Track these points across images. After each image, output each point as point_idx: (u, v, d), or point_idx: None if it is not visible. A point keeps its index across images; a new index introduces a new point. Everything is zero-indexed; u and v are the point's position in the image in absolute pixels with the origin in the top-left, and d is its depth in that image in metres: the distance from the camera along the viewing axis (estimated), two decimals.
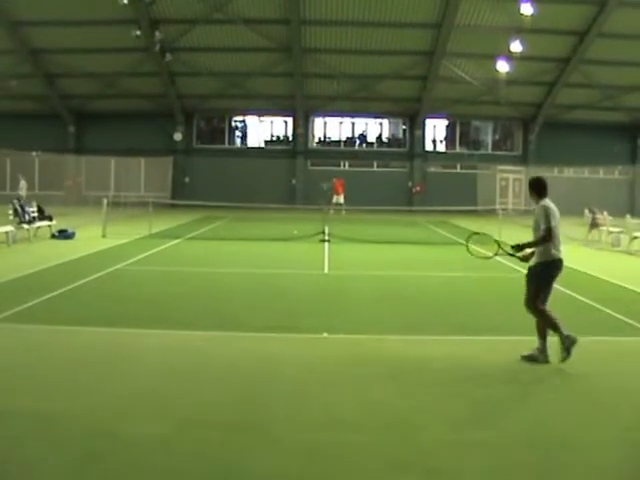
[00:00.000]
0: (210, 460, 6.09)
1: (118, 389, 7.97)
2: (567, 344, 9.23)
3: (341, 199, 44.94)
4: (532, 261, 9.93)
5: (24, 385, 8.08)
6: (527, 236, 10.14)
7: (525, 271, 9.82)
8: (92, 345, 9.98)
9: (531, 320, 12.58)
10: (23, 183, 41.74)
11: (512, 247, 10.04)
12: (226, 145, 54.20)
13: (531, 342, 10.82)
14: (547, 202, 9.83)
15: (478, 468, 6.06)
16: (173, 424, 6.91)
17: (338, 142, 54.64)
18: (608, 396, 8.12)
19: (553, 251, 9.83)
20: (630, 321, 12.19)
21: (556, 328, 9.46)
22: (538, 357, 9.46)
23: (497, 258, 20.93)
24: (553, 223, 9.68)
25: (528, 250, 10.04)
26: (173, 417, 7.12)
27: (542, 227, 9.67)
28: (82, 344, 10.02)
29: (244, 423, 7.00)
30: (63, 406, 7.33)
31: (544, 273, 9.81)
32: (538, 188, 10.03)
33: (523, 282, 9.70)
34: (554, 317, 9.60)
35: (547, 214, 9.64)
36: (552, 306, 14.04)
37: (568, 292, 15.41)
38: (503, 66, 43.87)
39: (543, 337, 9.59)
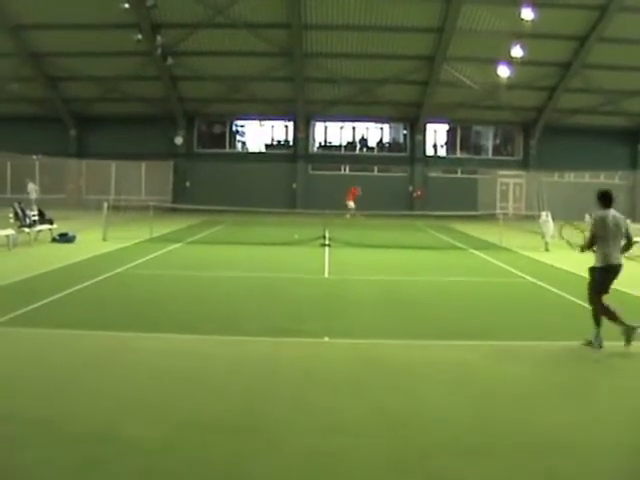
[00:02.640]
0: (210, 464, 6.09)
1: (118, 393, 7.97)
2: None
3: (352, 204, 44.84)
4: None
5: (24, 389, 8.07)
6: (528, 240, 10.15)
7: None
8: (92, 349, 9.98)
9: (533, 326, 12.62)
10: (32, 186, 41.80)
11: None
12: (227, 149, 54.19)
13: (531, 347, 10.83)
14: (604, 212, 10.69)
15: (478, 472, 6.06)
16: (173, 427, 6.91)
17: (339, 147, 54.64)
18: (612, 401, 8.13)
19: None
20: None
21: (615, 319, 10.50)
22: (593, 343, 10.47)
23: (499, 263, 20.97)
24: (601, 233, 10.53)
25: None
26: (173, 420, 7.12)
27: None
28: (82, 348, 10.01)
29: (244, 427, 7.00)
30: (64, 410, 7.33)
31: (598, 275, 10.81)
32: (603, 199, 10.84)
33: (524, 287, 9.69)
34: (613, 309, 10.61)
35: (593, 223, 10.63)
36: (553, 310, 14.09)
37: (569, 297, 15.41)
38: (504, 71, 43.92)
39: (597, 324, 10.65)
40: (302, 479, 5.87)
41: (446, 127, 54.77)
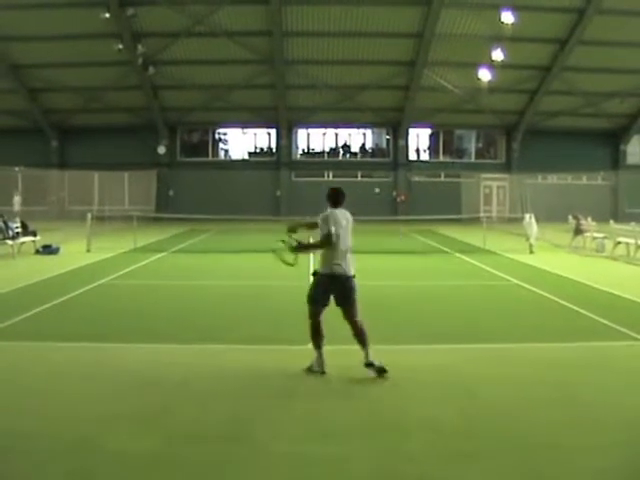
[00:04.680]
0: (196, 474, 6.06)
1: (103, 404, 7.92)
2: (314, 366, 9.31)
3: None
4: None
5: (7, 402, 8.02)
6: (512, 242, 10.13)
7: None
8: (76, 360, 9.92)
9: (517, 328, 12.64)
10: (17, 199, 41.61)
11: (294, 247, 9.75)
12: (210, 158, 54.10)
13: (516, 349, 10.85)
14: (334, 211, 9.58)
15: (465, 476, 6.05)
16: (158, 438, 6.87)
17: (322, 153, 54.67)
18: (595, 400, 8.14)
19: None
20: (615, 326, 12.21)
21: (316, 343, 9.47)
22: (314, 367, 9.35)
23: (484, 266, 21.02)
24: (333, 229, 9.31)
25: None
26: (159, 431, 7.08)
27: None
28: (66, 360, 9.96)
29: (230, 436, 6.98)
30: (48, 422, 7.28)
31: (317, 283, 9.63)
32: (334, 198, 9.71)
33: (509, 290, 9.68)
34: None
35: (327, 219, 9.36)
36: (538, 312, 14.12)
37: (554, 298, 15.46)
38: (485, 74, 44.06)
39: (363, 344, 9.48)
40: None
41: (429, 131, 54.94)
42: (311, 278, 9.62)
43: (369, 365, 9.07)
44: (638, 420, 7.52)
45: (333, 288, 9.42)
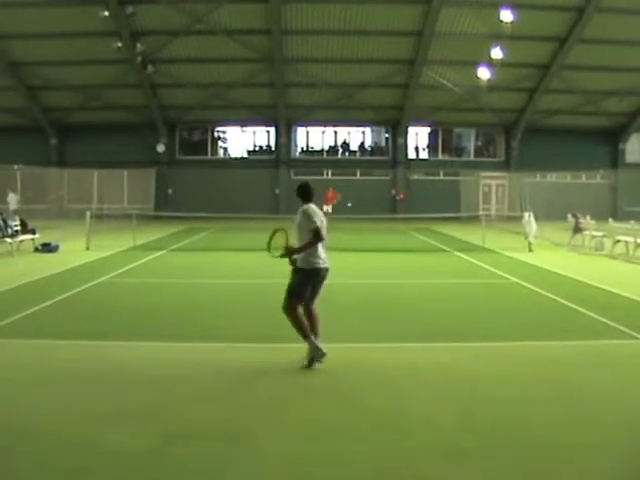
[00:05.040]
0: (195, 472, 6.06)
1: (103, 402, 7.92)
2: (314, 355, 9.37)
3: (329, 209, 44.69)
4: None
5: (7, 400, 8.02)
6: (511, 241, 10.13)
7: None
8: (76, 359, 9.91)
9: (516, 326, 12.65)
10: (12, 196, 41.57)
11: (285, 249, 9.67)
12: (209, 156, 54.07)
13: (516, 347, 10.86)
14: (311, 205, 9.69)
15: (465, 475, 6.05)
16: (158, 436, 6.87)
17: (321, 151, 54.64)
18: (595, 399, 8.15)
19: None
20: (614, 324, 12.22)
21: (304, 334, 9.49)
22: (315, 357, 9.42)
23: (483, 265, 21.04)
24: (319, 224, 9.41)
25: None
26: (158, 430, 7.07)
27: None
28: (66, 358, 9.95)
29: (229, 434, 6.97)
30: (47, 420, 7.28)
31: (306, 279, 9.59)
32: (303, 193, 9.85)
33: (508, 288, 9.67)
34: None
35: (311, 215, 9.45)
36: (537, 310, 14.13)
37: (553, 296, 15.47)
38: (484, 73, 44.08)
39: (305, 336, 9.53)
40: None
41: (428, 130, 54.92)
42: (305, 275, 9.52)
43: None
44: (638, 419, 7.52)
45: (317, 282, 9.56)
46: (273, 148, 53.53)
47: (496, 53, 41.75)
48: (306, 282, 9.49)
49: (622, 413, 7.64)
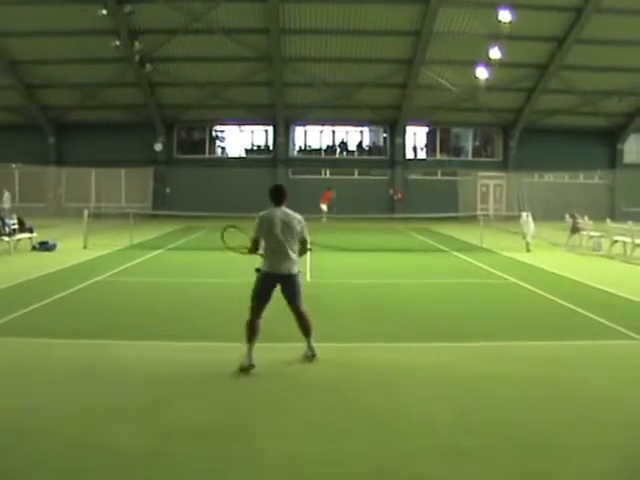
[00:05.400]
0: (194, 472, 6.06)
1: (101, 401, 7.92)
2: (242, 362, 9.27)
3: (325, 207, 44.75)
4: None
5: (5, 399, 8.01)
6: (509, 240, 10.11)
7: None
8: (74, 358, 9.90)
9: (514, 326, 12.66)
10: (7, 195, 41.51)
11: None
12: (207, 155, 54.02)
13: (514, 347, 10.86)
14: (266, 212, 9.71)
15: (464, 475, 6.05)
16: (157, 436, 6.87)
17: (319, 150, 54.60)
18: (593, 399, 8.15)
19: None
20: (611, 324, 12.23)
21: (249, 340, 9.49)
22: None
23: (481, 265, 21.03)
24: (257, 234, 9.59)
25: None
26: (157, 429, 7.08)
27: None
28: (63, 357, 9.94)
29: (227, 434, 6.97)
30: (45, 419, 7.27)
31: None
32: (273, 196, 9.88)
33: (506, 288, 9.67)
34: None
35: (255, 224, 9.66)
36: (535, 310, 14.13)
37: (550, 296, 15.48)
38: (482, 73, 44.06)
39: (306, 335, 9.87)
40: None
41: (426, 129, 54.87)
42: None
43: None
44: (636, 419, 7.53)
45: (269, 286, 9.64)
46: (271, 147, 53.49)
47: (494, 53, 41.72)
48: (257, 283, 9.71)
49: (620, 413, 7.65)
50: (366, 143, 55.46)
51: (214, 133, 54.91)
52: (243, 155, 54.13)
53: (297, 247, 9.67)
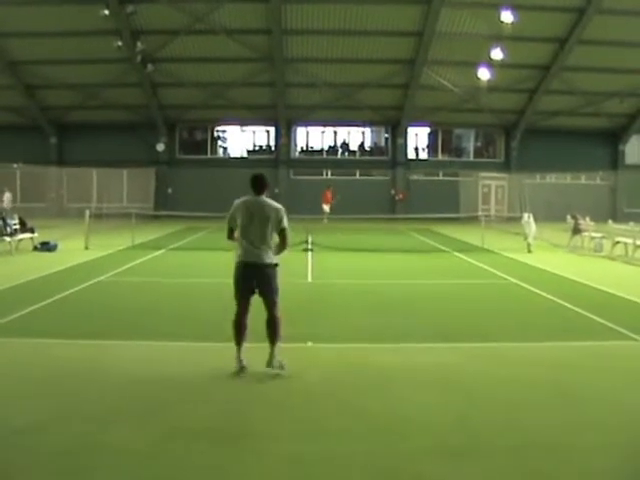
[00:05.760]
0: (196, 471, 6.07)
1: (102, 401, 7.93)
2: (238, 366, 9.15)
3: (327, 208, 44.74)
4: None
5: (6, 398, 8.02)
6: (511, 241, 10.10)
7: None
8: (75, 357, 9.91)
9: (515, 327, 12.65)
10: (7, 195, 41.53)
11: None
12: (209, 155, 54.00)
13: (515, 348, 10.86)
14: (242, 199, 9.57)
15: (463, 476, 6.05)
16: (158, 435, 6.89)
17: (321, 151, 54.58)
18: (593, 400, 8.15)
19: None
20: (613, 325, 12.23)
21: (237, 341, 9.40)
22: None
23: (482, 265, 21.01)
24: (230, 221, 9.47)
25: None
26: (158, 428, 7.09)
27: None
28: (65, 357, 9.95)
29: (229, 434, 6.98)
30: (46, 417, 7.29)
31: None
32: (253, 185, 9.61)
33: (507, 289, 9.67)
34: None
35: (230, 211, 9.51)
36: (536, 311, 14.11)
37: (551, 297, 15.47)
38: (484, 73, 44.01)
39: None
40: None
41: (427, 130, 54.84)
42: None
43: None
44: (636, 420, 7.52)
45: (241, 278, 9.44)
46: (273, 148, 53.47)
47: (496, 54, 41.69)
48: (234, 274, 9.52)
49: (620, 414, 7.65)
50: (368, 144, 55.45)
51: (216, 133, 54.89)
52: (245, 155, 54.09)
53: (271, 237, 9.25)
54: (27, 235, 25.38)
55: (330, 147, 54.54)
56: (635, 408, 7.90)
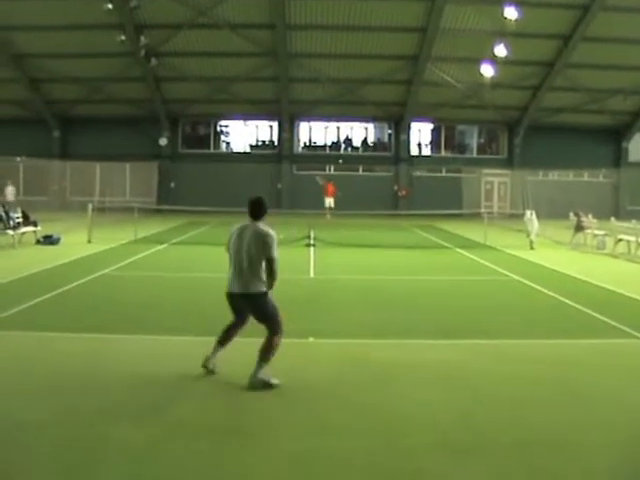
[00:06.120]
0: (197, 466, 6.07)
1: (105, 395, 7.93)
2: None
3: (332, 203, 44.76)
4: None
5: (7, 392, 8.03)
6: (513, 238, 10.10)
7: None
8: (78, 351, 9.92)
9: (516, 324, 12.65)
10: (11, 189, 41.52)
11: None
12: (211, 150, 54.01)
13: (517, 345, 10.86)
14: (238, 225, 9.01)
15: (464, 472, 6.06)
16: (160, 430, 6.89)
17: (323, 146, 54.57)
18: (596, 398, 8.15)
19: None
20: (615, 323, 12.22)
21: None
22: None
23: (485, 262, 20.96)
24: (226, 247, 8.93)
25: None
26: (160, 423, 7.09)
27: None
28: (68, 351, 9.96)
29: (232, 429, 6.98)
30: (49, 412, 7.29)
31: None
32: (250, 209, 8.97)
33: (510, 286, 9.66)
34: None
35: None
36: (538, 308, 14.10)
37: (553, 295, 15.47)
38: (487, 70, 43.94)
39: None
40: None
41: (430, 126, 54.77)
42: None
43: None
44: (639, 418, 7.53)
45: (231, 306, 8.96)
46: (276, 143, 53.48)
47: (500, 50, 41.63)
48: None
49: (623, 412, 7.65)
50: (371, 139, 55.42)
51: (219, 128, 54.90)
52: (248, 150, 54.11)
53: (261, 264, 8.58)
54: (30, 228, 25.39)
55: (333, 142, 54.52)
56: (638, 406, 7.90)
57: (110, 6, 38.65)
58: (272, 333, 8.63)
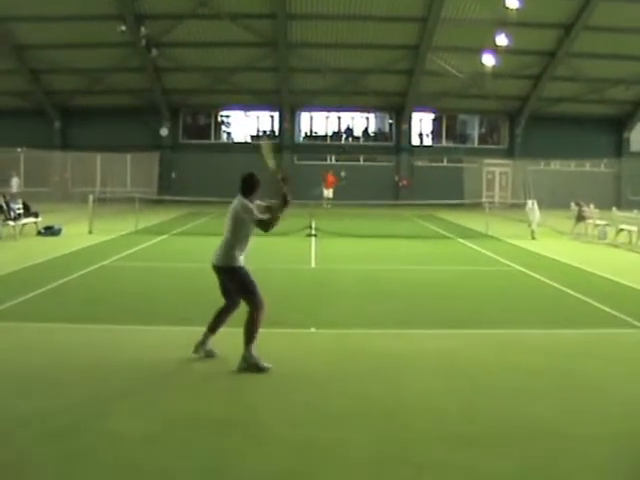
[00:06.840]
0: (197, 457, 6.06)
1: (103, 386, 7.93)
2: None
3: (330, 193, 44.79)
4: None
5: (6, 383, 8.03)
6: (515, 228, 10.08)
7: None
8: (79, 342, 9.93)
9: (518, 314, 12.64)
10: (16, 180, 41.54)
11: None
12: (212, 140, 54.01)
13: (519, 335, 10.86)
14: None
15: (465, 461, 6.05)
16: (159, 420, 6.89)
17: (324, 136, 54.55)
18: (597, 388, 8.15)
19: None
20: (616, 313, 12.22)
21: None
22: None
23: (486, 252, 20.98)
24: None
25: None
26: (159, 413, 7.10)
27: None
28: (69, 341, 9.96)
29: (232, 420, 6.98)
30: (47, 403, 7.28)
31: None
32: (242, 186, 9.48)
33: (511, 275, 9.64)
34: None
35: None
36: (539, 298, 14.09)
37: (555, 285, 15.47)
38: (489, 59, 43.89)
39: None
40: (292, 471, 5.85)
41: (432, 116, 54.74)
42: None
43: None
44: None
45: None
46: (277, 133, 53.44)
47: (501, 40, 41.60)
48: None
49: (624, 403, 7.63)
50: (372, 129, 55.41)
51: (220, 118, 54.88)
52: (249, 140, 54.03)
53: (233, 239, 9.00)
54: (31, 219, 25.39)
55: (334, 132, 54.50)
56: (638, 397, 7.90)
57: None
58: (253, 308, 8.70)
